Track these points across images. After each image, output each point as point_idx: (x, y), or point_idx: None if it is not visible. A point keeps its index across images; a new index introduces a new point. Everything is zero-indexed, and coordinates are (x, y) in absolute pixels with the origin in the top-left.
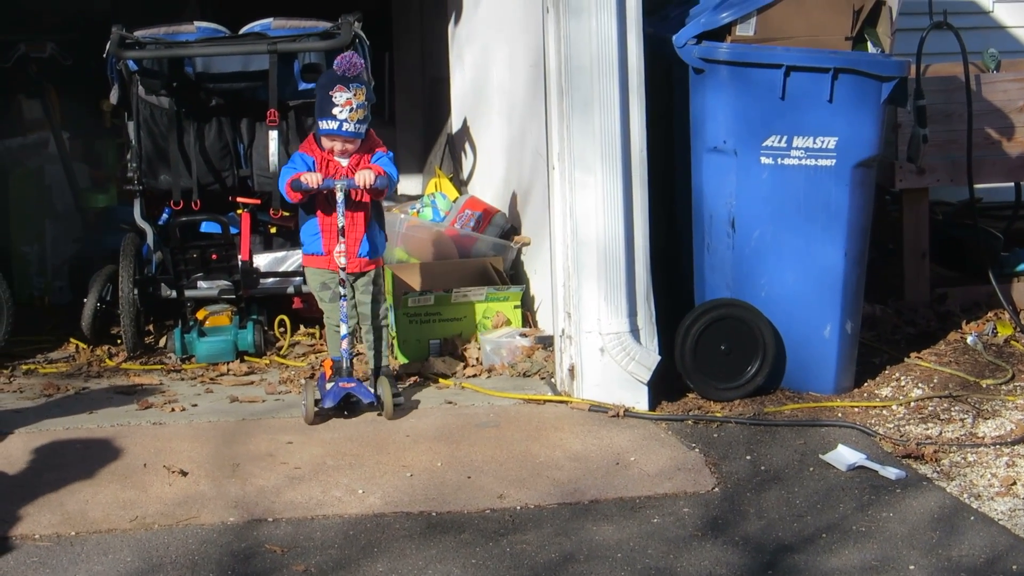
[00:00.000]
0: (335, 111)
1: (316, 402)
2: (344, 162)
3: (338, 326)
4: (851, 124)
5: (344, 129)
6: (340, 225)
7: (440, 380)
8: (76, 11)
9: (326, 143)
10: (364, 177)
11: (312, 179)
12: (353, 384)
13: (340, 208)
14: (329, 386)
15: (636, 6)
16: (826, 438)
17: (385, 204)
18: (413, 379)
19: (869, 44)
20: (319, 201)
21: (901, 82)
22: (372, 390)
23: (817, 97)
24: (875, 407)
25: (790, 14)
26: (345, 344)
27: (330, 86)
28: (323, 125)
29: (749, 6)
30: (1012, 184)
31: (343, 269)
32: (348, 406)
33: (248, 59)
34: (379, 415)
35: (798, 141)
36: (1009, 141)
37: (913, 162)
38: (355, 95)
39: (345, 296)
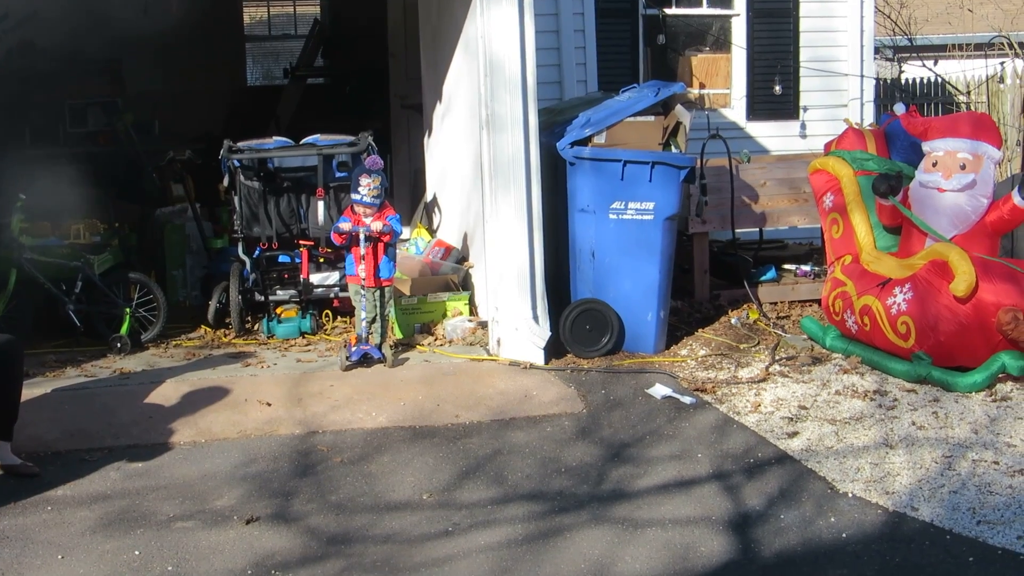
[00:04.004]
0: (361, 188)
1: (347, 358)
2: (368, 220)
3: (361, 314)
4: (663, 194)
5: (364, 200)
6: (362, 254)
7: (420, 347)
8: (203, 131)
9: (356, 208)
10: (375, 226)
11: (345, 226)
12: (368, 347)
13: (362, 244)
14: (354, 349)
15: (535, 126)
16: (649, 380)
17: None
18: (403, 347)
19: (673, 147)
20: (353, 244)
21: (691, 170)
22: (380, 351)
23: (642, 178)
24: (677, 361)
25: (627, 130)
26: (364, 324)
27: (360, 173)
28: (354, 196)
29: (602, 125)
30: (757, 230)
31: (363, 280)
32: (365, 360)
33: (305, 158)
34: (384, 366)
35: (632, 205)
36: (756, 204)
37: (699, 216)
38: (373, 180)
39: (364, 296)
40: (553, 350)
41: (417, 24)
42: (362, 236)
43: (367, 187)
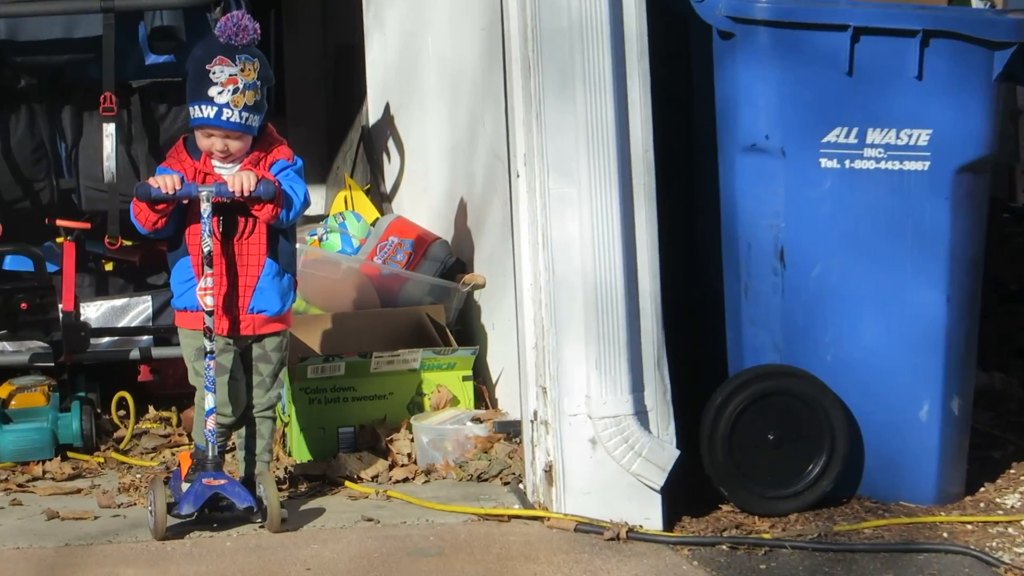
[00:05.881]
0: (212, 92)
1: (169, 507)
2: (226, 172)
3: (208, 401)
4: (951, 111)
5: (225, 118)
6: (206, 251)
7: (354, 486)
8: None
9: (202, 141)
10: (241, 180)
11: (166, 182)
12: (223, 481)
13: (206, 226)
14: (186, 486)
15: None
16: (927, 568)
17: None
18: (311, 485)
19: None
20: (189, 232)
21: (1021, 49)
22: (252, 495)
23: (900, 73)
24: (998, 522)
25: None
26: (211, 423)
27: (208, 58)
28: (195, 112)
29: None
30: None
31: (209, 314)
32: (218, 513)
33: (73, 22)
34: (261, 529)
35: (873, 136)
36: None
37: None
38: (243, 71)
39: (212, 354)
40: (685, 493)
41: None
42: (206, 207)
43: (226, 87)
